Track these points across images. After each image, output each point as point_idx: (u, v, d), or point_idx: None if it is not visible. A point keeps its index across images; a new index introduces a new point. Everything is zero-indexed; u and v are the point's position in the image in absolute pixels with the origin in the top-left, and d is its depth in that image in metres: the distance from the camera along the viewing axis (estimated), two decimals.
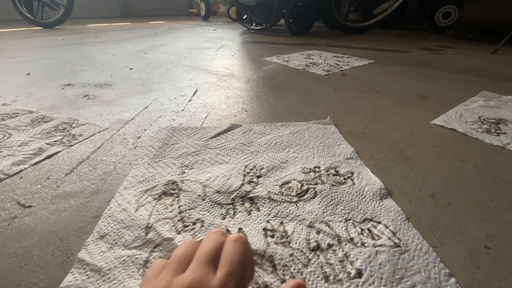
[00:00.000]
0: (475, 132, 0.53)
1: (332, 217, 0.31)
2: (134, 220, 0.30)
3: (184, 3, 4.99)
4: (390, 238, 0.28)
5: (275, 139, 0.49)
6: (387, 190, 0.36)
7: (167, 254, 0.26)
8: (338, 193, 0.35)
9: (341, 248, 0.27)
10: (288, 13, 1.92)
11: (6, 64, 1.05)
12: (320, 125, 0.55)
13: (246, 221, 0.31)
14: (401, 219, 0.31)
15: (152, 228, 0.29)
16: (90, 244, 0.27)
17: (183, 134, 0.51)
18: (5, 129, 0.52)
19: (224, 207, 0.33)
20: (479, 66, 1.09)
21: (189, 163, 0.42)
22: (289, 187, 0.36)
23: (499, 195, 0.36)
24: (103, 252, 0.26)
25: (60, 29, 2.31)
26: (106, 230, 0.29)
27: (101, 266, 0.25)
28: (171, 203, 0.33)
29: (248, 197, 0.34)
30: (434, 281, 0.24)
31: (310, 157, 0.44)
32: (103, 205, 0.33)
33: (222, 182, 0.37)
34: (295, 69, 1.05)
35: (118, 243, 0.27)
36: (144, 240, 0.28)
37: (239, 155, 0.44)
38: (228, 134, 0.51)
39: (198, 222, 0.30)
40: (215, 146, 0.47)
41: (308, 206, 0.33)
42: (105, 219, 0.31)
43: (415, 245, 0.28)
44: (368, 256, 0.26)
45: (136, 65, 1.09)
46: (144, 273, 0.25)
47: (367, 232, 0.29)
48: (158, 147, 0.46)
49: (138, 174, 0.39)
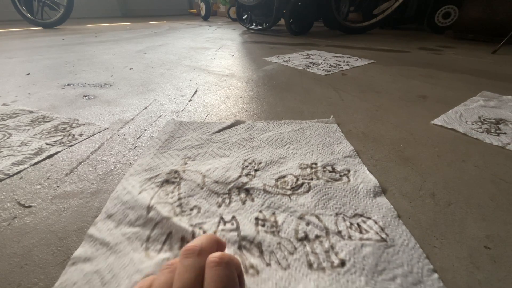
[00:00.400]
0: (475, 132, 0.53)
1: (323, 211, 0.32)
2: (137, 201, 0.32)
3: (184, 3, 4.99)
4: (377, 233, 0.29)
5: (276, 136, 0.50)
6: (387, 190, 0.36)
7: (165, 230, 0.29)
8: (332, 189, 0.36)
9: (328, 239, 0.28)
10: (288, 13, 1.92)
11: (6, 64, 1.06)
12: (323, 123, 0.56)
13: (239, 210, 0.32)
14: (392, 216, 0.32)
15: (153, 208, 0.31)
16: (99, 223, 0.30)
17: (189, 128, 0.53)
18: (5, 129, 0.52)
19: (221, 196, 0.34)
20: (479, 66, 1.09)
21: (192, 155, 0.44)
22: (284, 181, 0.38)
23: (499, 195, 0.36)
24: (110, 229, 0.29)
25: (60, 29, 2.31)
26: (112, 211, 0.32)
27: (109, 241, 0.27)
28: (172, 190, 0.35)
29: (244, 188, 0.36)
30: (416, 275, 0.25)
31: (309, 154, 0.45)
32: (103, 205, 0.33)
33: (221, 173, 0.39)
34: (295, 69, 1.05)
35: (123, 221, 0.30)
36: (146, 219, 0.30)
37: (240, 150, 0.46)
38: (231, 130, 0.53)
39: (195, 209, 0.32)
40: (218, 140, 0.49)
41: (301, 199, 0.34)
42: (112, 200, 0.33)
43: (402, 241, 0.28)
44: (353, 248, 0.27)
45: (136, 65, 1.09)
46: (147, 247, 0.27)
47: (355, 226, 0.30)
48: (165, 139, 0.48)
49: (144, 163, 0.41)
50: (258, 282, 0.24)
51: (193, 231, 0.29)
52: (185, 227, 0.29)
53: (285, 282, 0.24)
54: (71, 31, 2.22)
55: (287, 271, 0.25)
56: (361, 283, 0.24)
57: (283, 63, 1.13)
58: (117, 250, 0.27)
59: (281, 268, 0.25)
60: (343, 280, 0.24)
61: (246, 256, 0.26)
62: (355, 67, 1.08)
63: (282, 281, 0.24)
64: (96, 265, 0.25)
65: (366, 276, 0.25)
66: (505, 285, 0.24)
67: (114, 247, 0.27)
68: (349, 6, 2.19)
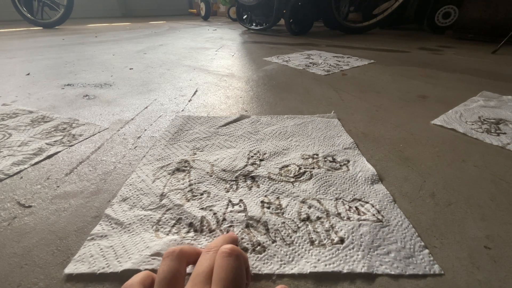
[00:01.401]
0: (475, 132, 0.53)
1: (324, 196, 0.35)
2: (151, 189, 0.35)
3: (184, 3, 4.99)
4: (374, 215, 0.32)
5: (280, 129, 0.53)
6: (387, 189, 0.36)
7: (176, 216, 0.31)
8: (332, 177, 0.39)
9: (328, 220, 0.31)
10: (288, 13, 1.92)
11: (6, 64, 1.06)
12: (324, 118, 0.58)
13: (246, 194, 0.35)
14: (388, 201, 0.34)
15: (166, 196, 0.34)
16: (115, 205, 0.33)
17: (196, 122, 0.56)
18: (5, 129, 0.52)
19: (229, 182, 0.37)
20: (479, 66, 1.09)
21: (200, 146, 0.47)
22: (287, 170, 0.40)
23: (499, 195, 0.36)
24: (125, 211, 0.32)
25: (60, 29, 2.31)
26: (127, 195, 0.34)
27: (123, 221, 0.30)
28: (183, 177, 0.38)
29: (250, 176, 0.39)
30: (408, 250, 0.27)
31: (311, 145, 0.47)
32: (103, 205, 0.33)
33: (228, 162, 0.42)
34: (295, 69, 1.05)
35: (137, 205, 0.33)
36: (158, 205, 0.33)
37: (245, 142, 0.48)
38: (237, 124, 0.55)
39: (205, 193, 0.35)
40: (224, 133, 0.51)
41: (303, 186, 0.37)
42: (127, 186, 0.36)
43: (396, 222, 0.31)
44: (351, 227, 0.29)
45: (136, 65, 1.09)
46: (157, 229, 0.29)
47: (354, 209, 0.33)
48: (174, 132, 0.51)
49: (155, 153, 0.44)
50: (265, 259, 0.26)
51: (202, 217, 0.31)
52: (195, 214, 0.31)
53: (289, 257, 0.26)
54: (71, 31, 2.22)
55: (291, 247, 0.27)
56: (358, 256, 0.26)
57: (283, 63, 1.13)
58: (130, 230, 0.29)
59: (286, 244, 0.28)
60: (341, 254, 0.27)
61: (253, 234, 0.29)
62: (355, 67, 1.08)
63: (286, 256, 0.26)
64: (111, 241, 0.28)
65: (363, 251, 0.27)
66: (505, 285, 0.24)
67: (127, 227, 0.30)
68: (349, 6, 2.19)
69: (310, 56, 1.27)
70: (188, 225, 0.30)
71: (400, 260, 0.26)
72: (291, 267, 0.25)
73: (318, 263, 0.26)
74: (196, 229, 0.29)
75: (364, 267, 0.25)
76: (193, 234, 0.29)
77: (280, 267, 0.25)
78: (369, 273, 0.25)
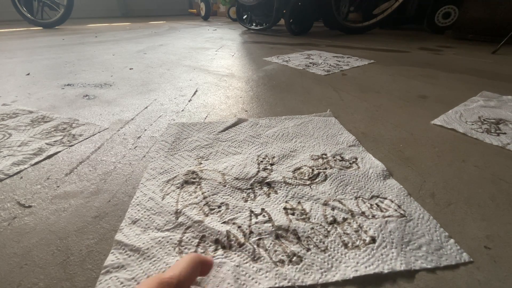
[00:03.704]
0: (475, 132, 0.53)
1: (344, 196, 0.35)
2: (163, 207, 0.33)
3: (184, 3, 4.99)
4: (396, 210, 0.32)
5: (281, 131, 0.53)
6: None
7: (198, 234, 0.29)
8: (346, 176, 0.39)
9: (355, 220, 0.31)
10: (288, 13, 1.92)
11: (6, 64, 1.06)
12: (321, 117, 0.59)
13: (266, 202, 0.34)
14: (404, 195, 0.35)
15: (182, 213, 0.32)
16: (124, 228, 0.30)
17: (192, 129, 0.54)
18: (5, 129, 0.52)
19: (245, 191, 0.36)
20: (479, 66, 1.09)
21: (204, 154, 0.45)
22: (301, 172, 0.40)
23: (499, 195, 0.36)
24: (138, 234, 0.29)
25: (60, 29, 2.31)
26: (137, 216, 0.31)
27: (139, 246, 0.27)
28: (194, 190, 0.36)
29: (265, 182, 0.38)
30: (436, 242, 0.28)
31: (316, 146, 0.48)
32: (103, 205, 0.33)
33: (239, 170, 0.40)
34: (295, 69, 1.05)
35: (150, 227, 0.30)
36: (176, 224, 0.30)
37: (250, 146, 0.47)
38: (236, 128, 0.54)
39: (223, 205, 0.33)
40: (225, 139, 0.50)
41: (320, 187, 0.36)
42: (134, 207, 0.33)
43: (418, 215, 0.32)
44: (379, 225, 0.30)
45: (136, 65, 1.09)
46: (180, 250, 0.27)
47: (375, 206, 0.33)
48: (172, 141, 0.49)
49: (157, 166, 0.41)
50: (304, 269, 0.25)
51: (227, 232, 0.29)
52: (219, 229, 0.29)
53: (328, 264, 0.26)
54: (71, 31, 2.22)
55: (327, 253, 0.27)
56: (394, 254, 0.27)
57: (283, 63, 1.13)
58: (150, 255, 0.26)
59: (321, 250, 0.27)
60: (377, 254, 0.27)
61: (285, 244, 0.28)
62: (355, 67, 1.08)
63: (325, 264, 0.26)
64: (131, 271, 0.25)
65: (396, 248, 0.27)
66: (505, 285, 0.24)
67: (146, 252, 0.27)
68: (349, 6, 2.19)
69: (310, 56, 1.27)
70: (214, 242, 0.28)
71: (432, 253, 0.27)
72: (333, 274, 0.25)
73: (358, 266, 0.25)
74: (224, 246, 0.27)
75: (402, 264, 0.26)
76: (222, 252, 0.27)
77: (322, 275, 0.25)
78: (408, 270, 0.25)
